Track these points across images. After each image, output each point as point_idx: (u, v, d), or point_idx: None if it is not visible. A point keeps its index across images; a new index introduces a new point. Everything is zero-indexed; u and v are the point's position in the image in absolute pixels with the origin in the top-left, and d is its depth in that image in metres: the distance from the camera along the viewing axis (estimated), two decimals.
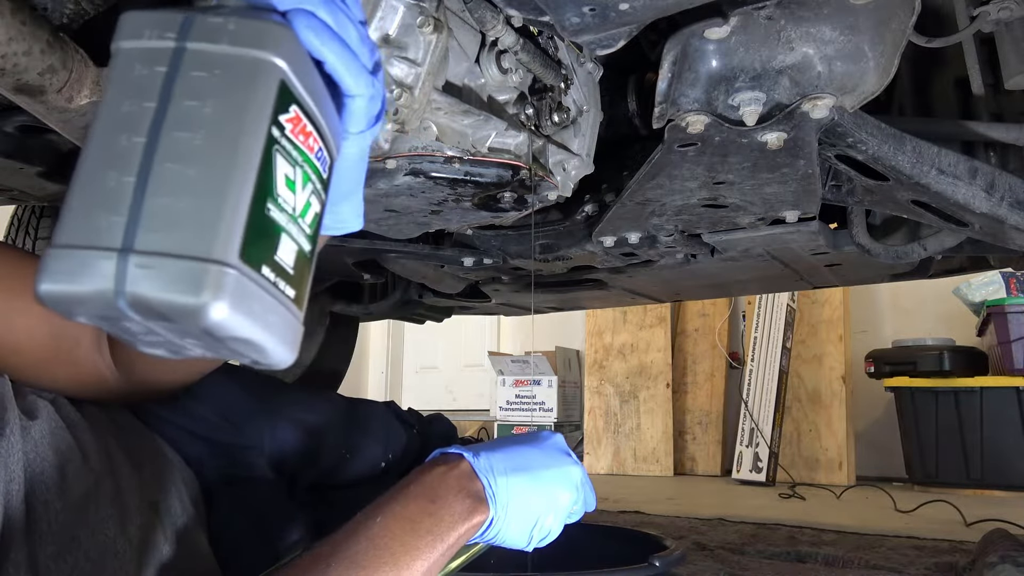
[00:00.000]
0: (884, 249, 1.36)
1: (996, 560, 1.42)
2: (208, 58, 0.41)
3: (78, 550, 0.60)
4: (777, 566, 1.74)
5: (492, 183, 1.02)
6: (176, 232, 0.38)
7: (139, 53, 0.42)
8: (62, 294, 0.37)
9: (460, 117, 0.93)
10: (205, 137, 0.40)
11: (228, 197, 0.39)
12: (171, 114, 0.40)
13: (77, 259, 0.37)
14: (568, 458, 0.74)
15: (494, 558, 1.09)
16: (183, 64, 0.41)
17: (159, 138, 0.40)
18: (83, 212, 0.38)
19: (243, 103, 0.41)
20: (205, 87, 0.41)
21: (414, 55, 0.84)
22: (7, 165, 1.24)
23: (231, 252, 0.38)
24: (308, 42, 0.45)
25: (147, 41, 0.42)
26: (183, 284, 0.37)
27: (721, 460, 3.96)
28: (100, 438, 0.70)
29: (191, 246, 0.38)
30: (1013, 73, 1.00)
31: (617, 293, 1.91)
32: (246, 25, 0.42)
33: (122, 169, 0.39)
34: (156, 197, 0.38)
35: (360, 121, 0.51)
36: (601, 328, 4.34)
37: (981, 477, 3.09)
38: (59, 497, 0.61)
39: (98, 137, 0.40)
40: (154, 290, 0.37)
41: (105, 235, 0.38)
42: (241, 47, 0.42)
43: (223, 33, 0.42)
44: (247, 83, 0.41)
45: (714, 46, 0.94)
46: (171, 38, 0.42)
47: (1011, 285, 3.23)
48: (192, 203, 0.38)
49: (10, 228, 2.01)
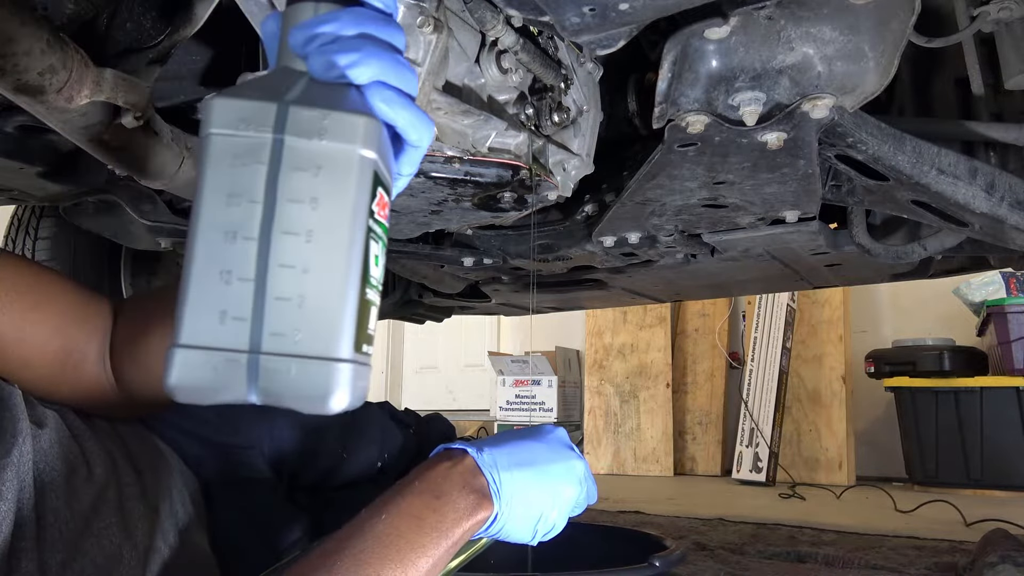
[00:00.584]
0: (884, 249, 1.36)
1: (996, 560, 1.42)
2: (307, 155, 0.42)
3: (84, 558, 0.60)
4: (777, 566, 1.74)
5: (492, 183, 1.02)
6: (300, 335, 0.41)
7: (236, 146, 0.42)
8: (192, 389, 0.40)
9: (460, 117, 0.93)
10: (315, 239, 0.42)
11: (344, 300, 0.42)
12: (279, 214, 0.41)
13: (206, 360, 0.40)
14: (571, 452, 0.74)
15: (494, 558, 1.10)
16: (283, 160, 0.42)
17: (271, 240, 0.41)
18: (204, 313, 0.40)
19: (346, 202, 0.43)
20: (308, 186, 0.42)
21: (414, 55, 0.84)
22: (7, 165, 1.25)
23: (348, 349, 0.42)
24: (384, 112, 0.47)
25: (242, 132, 0.42)
26: (310, 384, 0.41)
27: (721, 460, 3.96)
28: (104, 446, 0.70)
29: (315, 348, 0.41)
30: (1013, 73, 1.00)
31: (617, 293, 1.91)
32: (340, 120, 0.43)
33: (239, 272, 0.41)
34: (276, 301, 0.41)
35: (415, 164, 0.53)
36: (601, 328, 4.34)
37: (981, 477, 3.09)
38: (67, 505, 0.62)
39: (205, 235, 0.41)
40: (283, 389, 0.41)
41: (231, 338, 0.40)
42: (338, 142, 0.43)
43: (319, 128, 0.43)
44: (347, 181, 0.43)
45: (714, 46, 0.94)
46: (267, 131, 0.42)
47: (1011, 285, 3.23)
48: (311, 306, 0.41)
49: (10, 228, 2.01)
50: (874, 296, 3.95)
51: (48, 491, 0.61)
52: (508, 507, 0.67)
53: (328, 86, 0.46)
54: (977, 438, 3.10)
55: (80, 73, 0.85)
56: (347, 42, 0.47)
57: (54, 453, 0.63)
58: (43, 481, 0.61)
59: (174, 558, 0.70)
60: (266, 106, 0.42)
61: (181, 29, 0.90)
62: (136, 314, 0.74)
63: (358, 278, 0.43)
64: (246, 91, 0.44)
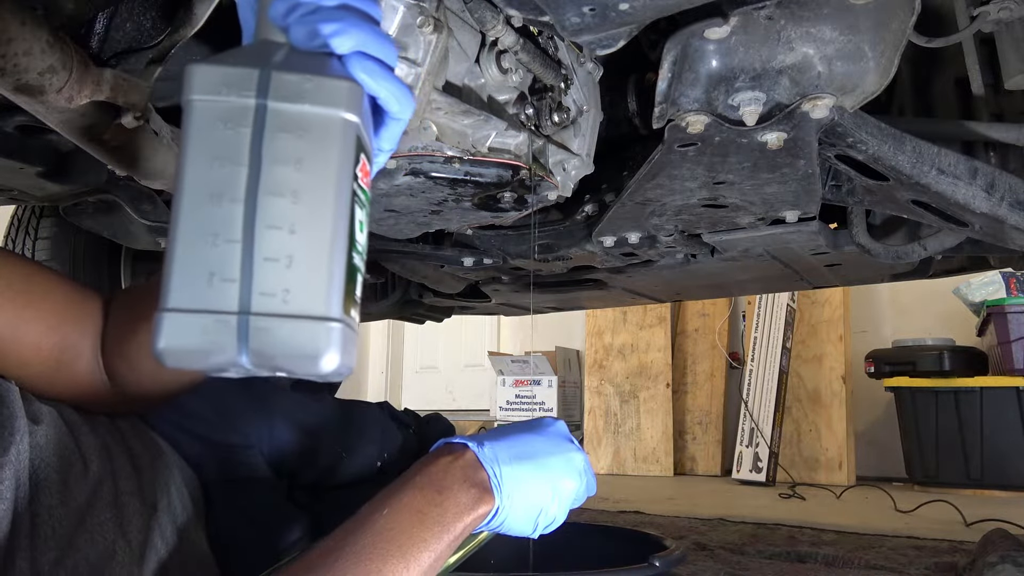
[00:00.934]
0: (884, 249, 1.36)
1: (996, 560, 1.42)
2: (291, 118, 0.43)
3: (77, 554, 0.60)
4: (777, 566, 1.74)
5: (492, 183, 1.02)
6: (289, 295, 0.41)
7: (218, 110, 0.42)
8: (182, 353, 0.40)
9: (460, 117, 0.93)
10: (301, 200, 0.42)
11: (332, 260, 0.42)
12: (264, 177, 0.42)
13: (195, 322, 0.40)
14: (571, 445, 0.74)
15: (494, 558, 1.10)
16: (267, 124, 0.42)
17: (257, 202, 0.41)
18: (192, 276, 0.40)
19: (330, 164, 0.43)
20: (292, 148, 0.42)
21: (414, 55, 0.84)
22: (7, 165, 1.24)
23: (337, 309, 0.42)
24: (366, 82, 0.47)
25: (225, 98, 0.42)
26: (301, 343, 0.41)
27: (721, 460, 3.96)
28: (102, 441, 0.70)
29: (305, 307, 0.41)
30: (1013, 73, 1.00)
31: (617, 293, 1.91)
32: (323, 84, 0.44)
33: (225, 234, 0.41)
34: (264, 261, 0.41)
35: (395, 139, 0.53)
36: (601, 328, 4.34)
37: (981, 477, 3.09)
38: (62, 502, 0.61)
39: (191, 198, 0.41)
40: (274, 349, 0.40)
41: (220, 299, 0.40)
42: (321, 106, 0.43)
43: (302, 92, 0.43)
44: (331, 144, 0.43)
45: (714, 46, 0.94)
46: (250, 96, 0.42)
47: (1011, 285, 3.22)
48: (299, 266, 0.41)
49: (10, 228, 2.01)
50: (874, 296, 3.95)
51: (43, 488, 0.60)
52: (509, 501, 0.68)
53: (309, 55, 0.46)
54: (977, 438, 3.10)
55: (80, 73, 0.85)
56: (328, 12, 0.47)
57: (50, 449, 0.63)
58: (39, 478, 0.61)
59: (172, 556, 0.70)
60: (248, 72, 0.43)
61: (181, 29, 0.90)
62: (124, 310, 0.74)
63: (345, 239, 0.43)
64: (227, 59, 0.44)
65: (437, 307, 2.27)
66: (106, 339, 0.73)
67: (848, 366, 3.65)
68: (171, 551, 0.70)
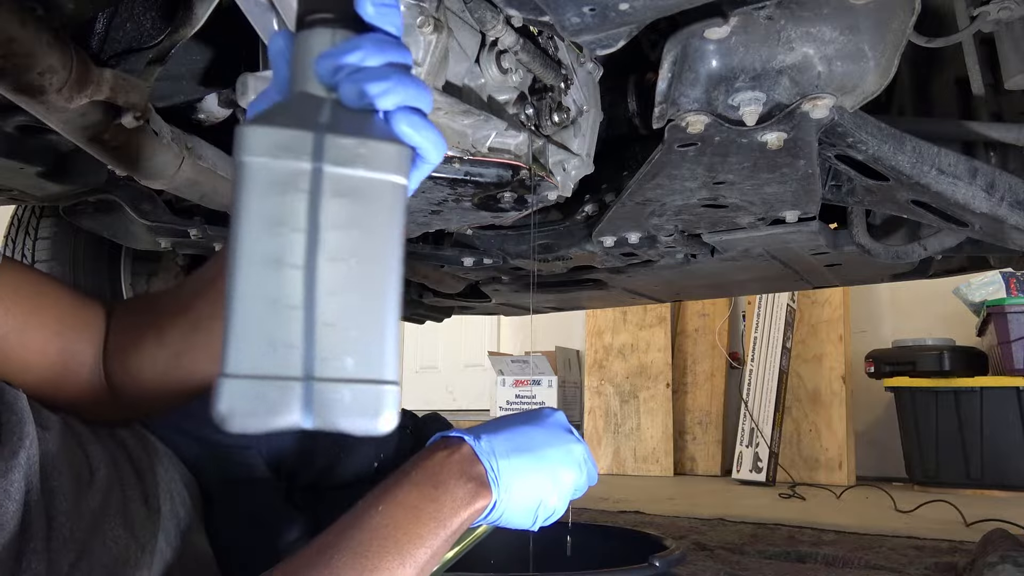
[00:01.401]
0: (884, 249, 1.36)
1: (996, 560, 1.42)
2: (346, 183, 0.43)
3: (92, 558, 0.61)
4: (777, 566, 1.74)
5: (492, 183, 1.01)
6: (349, 360, 0.42)
7: (274, 174, 0.42)
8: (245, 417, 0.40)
9: (460, 117, 0.93)
10: (358, 265, 0.43)
11: (388, 323, 0.43)
12: (322, 243, 0.42)
13: (258, 388, 0.41)
14: (570, 435, 0.74)
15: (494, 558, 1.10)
16: (323, 189, 0.43)
17: (316, 268, 0.42)
18: (252, 342, 0.41)
19: (385, 228, 0.44)
20: (348, 213, 0.43)
21: (414, 55, 0.84)
22: (7, 165, 1.24)
23: (392, 371, 0.43)
24: (409, 135, 0.48)
25: (281, 161, 0.42)
26: (363, 406, 0.42)
27: (721, 460, 3.96)
28: (107, 448, 0.71)
29: (365, 371, 0.42)
30: (1013, 73, 1.00)
31: (617, 293, 1.91)
32: (376, 149, 0.44)
33: (286, 300, 0.41)
34: (324, 327, 0.42)
35: (420, 180, 0.54)
36: (601, 328, 4.34)
37: (981, 477, 3.09)
38: (75, 508, 0.62)
39: (248, 263, 0.41)
40: (338, 414, 0.41)
41: (283, 365, 0.41)
42: (375, 171, 0.44)
43: (356, 157, 0.43)
44: (385, 208, 0.44)
45: (714, 46, 0.94)
46: (306, 160, 0.42)
47: (1011, 285, 3.23)
48: (359, 331, 0.42)
49: (10, 228, 2.01)
50: (874, 296, 3.95)
51: (57, 493, 0.61)
52: (507, 494, 0.67)
53: (354, 112, 0.47)
54: (977, 438, 3.10)
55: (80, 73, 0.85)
56: (374, 71, 0.48)
57: (60, 456, 0.63)
58: (51, 484, 0.61)
59: (177, 558, 0.70)
60: (303, 135, 0.43)
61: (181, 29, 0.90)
62: (127, 322, 0.74)
63: (398, 301, 0.45)
64: (277, 118, 0.44)
65: (437, 307, 2.27)
66: (107, 350, 0.73)
67: (848, 366, 3.65)
68: (176, 554, 0.70)
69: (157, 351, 0.72)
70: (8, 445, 0.58)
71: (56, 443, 0.64)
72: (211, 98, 1.13)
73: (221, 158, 1.17)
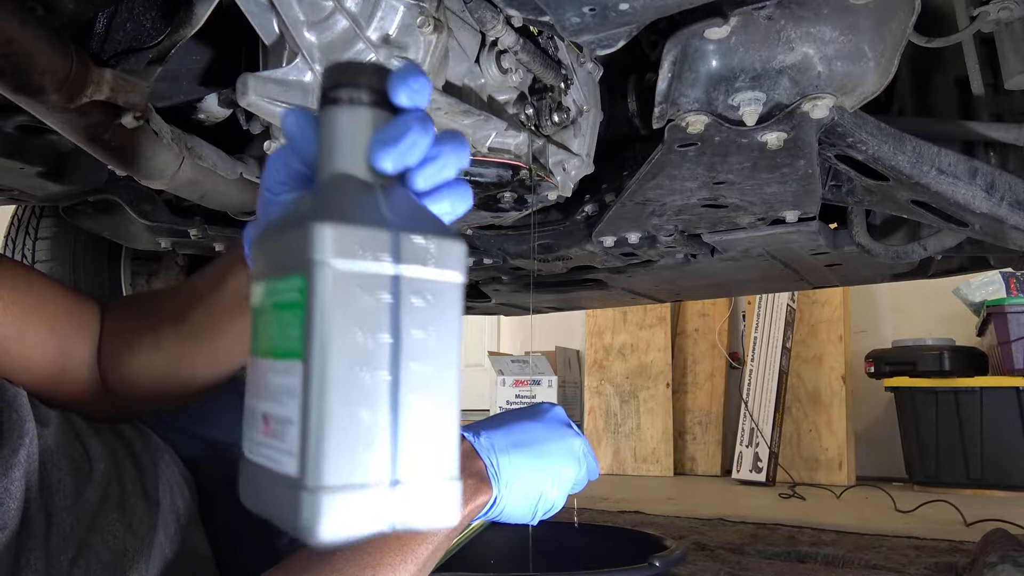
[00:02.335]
0: (884, 249, 1.36)
1: (996, 560, 1.42)
2: (421, 284, 0.43)
3: (91, 553, 0.61)
4: (777, 566, 1.74)
5: (492, 183, 1.02)
6: (427, 459, 0.43)
7: (359, 278, 0.42)
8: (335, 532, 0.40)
9: (460, 117, 0.93)
10: (432, 367, 0.44)
11: (455, 420, 0.45)
12: (404, 346, 0.42)
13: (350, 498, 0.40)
14: (569, 430, 0.74)
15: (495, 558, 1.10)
16: (403, 292, 0.43)
17: (399, 372, 0.42)
18: (344, 451, 0.40)
19: (452, 326, 0.45)
20: (424, 313, 0.43)
21: (414, 55, 0.84)
22: (7, 165, 1.25)
23: (458, 466, 0.44)
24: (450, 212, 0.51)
25: (363, 263, 0.42)
26: (438, 505, 0.43)
27: (721, 460, 3.96)
28: (106, 441, 0.71)
29: (439, 470, 0.43)
30: (1013, 73, 1.00)
31: (617, 293, 1.91)
32: (443, 248, 0.44)
33: (376, 406, 0.41)
34: (406, 431, 0.42)
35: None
36: (601, 328, 4.34)
37: (981, 477, 3.09)
38: (74, 504, 0.62)
39: (336, 370, 0.41)
40: (418, 514, 0.42)
41: (373, 471, 0.41)
42: (443, 269, 0.44)
43: (428, 256, 0.44)
44: (451, 306, 0.45)
45: (714, 46, 0.94)
46: (387, 260, 0.42)
47: (1011, 285, 3.23)
48: (433, 430, 0.43)
49: (10, 228, 2.01)
50: (874, 296, 3.95)
51: (56, 490, 0.61)
52: (507, 489, 0.68)
53: (407, 197, 0.47)
54: (977, 438, 3.10)
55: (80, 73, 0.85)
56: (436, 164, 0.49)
57: (59, 452, 0.63)
58: (51, 480, 0.61)
59: (176, 555, 0.70)
60: (379, 234, 0.42)
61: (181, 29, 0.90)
62: (122, 323, 0.74)
63: (459, 396, 0.46)
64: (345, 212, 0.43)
65: None
66: (102, 350, 0.73)
67: (848, 366, 3.65)
68: (175, 549, 0.71)
69: (153, 355, 0.71)
70: (9, 443, 0.58)
71: (55, 438, 0.64)
72: (211, 98, 1.13)
73: (221, 158, 1.17)
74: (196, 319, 0.70)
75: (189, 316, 0.70)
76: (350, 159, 0.47)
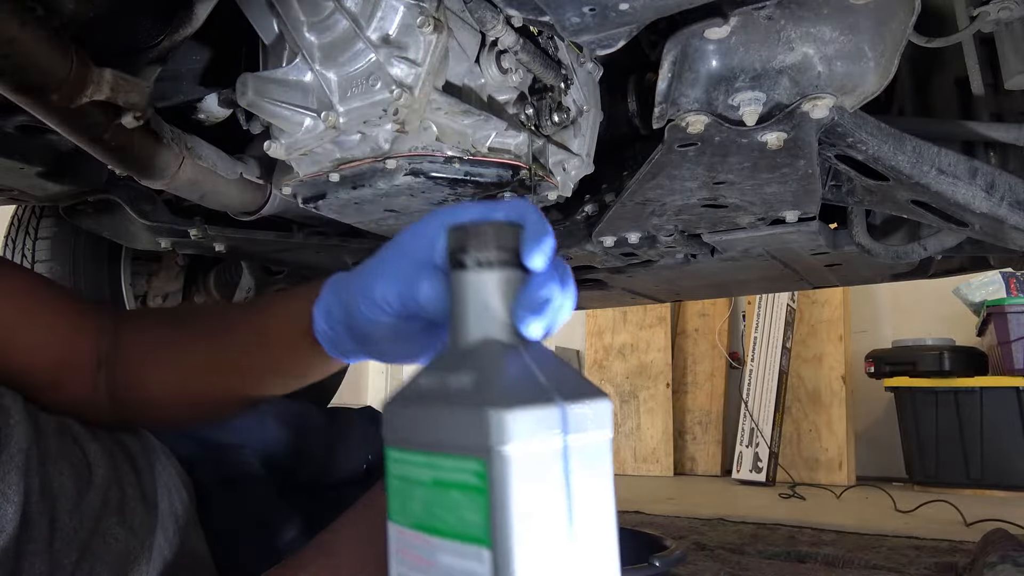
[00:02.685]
0: (884, 249, 1.36)
1: (996, 560, 1.42)
2: (583, 450, 0.44)
3: (94, 557, 0.61)
4: (777, 566, 1.74)
5: (492, 183, 1.02)
6: None
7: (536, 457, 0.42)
8: None
9: (460, 117, 0.93)
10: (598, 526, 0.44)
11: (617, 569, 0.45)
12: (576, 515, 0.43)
13: None
14: None
15: None
16: (570, 460, 0.43)
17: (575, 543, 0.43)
18: None
19: (607, 486, 0.45)
20: (588, 478, 0.44)
21: (414, 55, 0.84)
22: (7, 165, 1.25)
23: None
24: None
25: (538, 443, 0.42)
26: None
27: (721, 460, 3.96)
28: (104, 446, 0.71)
29: None
30: (1013, 73, 1.00)
31: (617, 293, 1.91)
32: (598, 409, 0.45)
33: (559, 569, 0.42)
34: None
35: None
36: (601, 328, 4.34)
37: (981, 477, 3.09)
38: (76, 508, 0.62)
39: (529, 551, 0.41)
40: None
41: None
42: (599, 430, 0.45)
43: (586, 421, 0.44)
44: (605, 463, 0.45)
45: (714, 46, 0.94)
46: (558, 435, 0.43)
47: (1011, 285, 3.23)
48: None
49: (10, 228, 2.01)
50: (874, 296, 3.95)
51: (59, 494, 0.61)
52: None
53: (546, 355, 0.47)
54: (977, 438, 3.10)
55: (80, 73, 0.85)
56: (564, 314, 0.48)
57: (60, 457, 0.64)
58: (52, 485, 0.61)
59: (175, 556, 0.70)
60: (550, 411, 0.43)
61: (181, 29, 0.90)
62: (143, 336, 0.73)
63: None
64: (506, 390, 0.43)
65: None
66: (120, 361, 0.72)
67: (848, 366, 3.65)
68: (175, 551, 0.71)
69: (175, 374, 0.71)
70: (5, 448, 0.58)
71: (55, 444, 0.64)
72: (211, 98, 1.14)
73: (221, 158, 1.17)
74: (231, 357, 0.69)
75: (224, 351, 0.69)
76: (491, 323, 0.47)
